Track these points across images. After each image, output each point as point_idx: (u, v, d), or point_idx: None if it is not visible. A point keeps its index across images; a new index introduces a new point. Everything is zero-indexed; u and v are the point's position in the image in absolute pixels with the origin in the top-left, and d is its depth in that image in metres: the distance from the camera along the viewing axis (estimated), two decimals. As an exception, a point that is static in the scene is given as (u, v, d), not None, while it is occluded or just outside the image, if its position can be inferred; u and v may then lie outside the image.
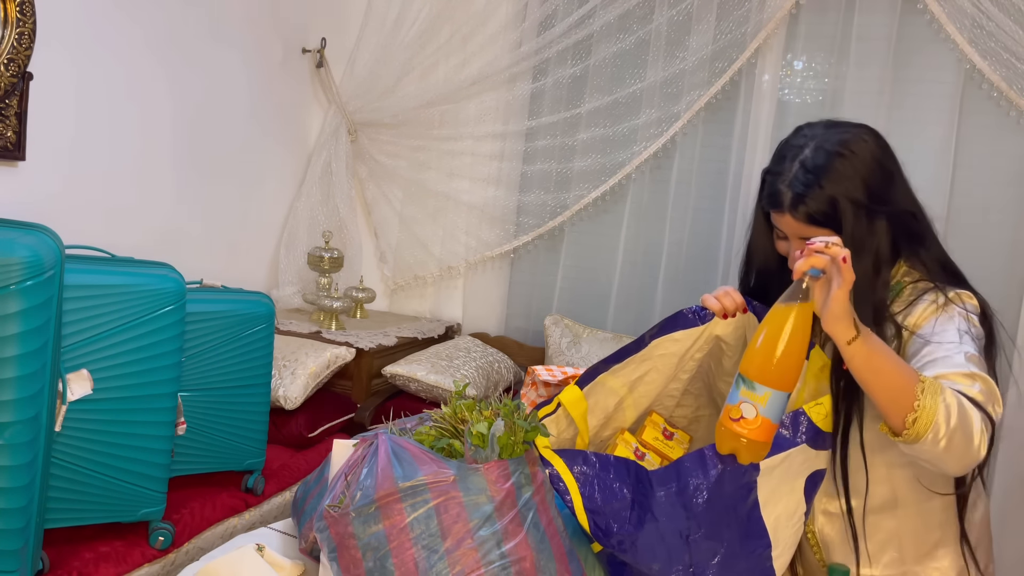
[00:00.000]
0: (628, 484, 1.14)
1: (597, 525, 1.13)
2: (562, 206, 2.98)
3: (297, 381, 2.38)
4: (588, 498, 1.14)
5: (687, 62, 2.72)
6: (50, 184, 2.18)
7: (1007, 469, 2.32)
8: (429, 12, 3.00)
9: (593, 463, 1.16)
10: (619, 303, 2.94)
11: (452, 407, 1.18)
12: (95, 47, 2.26)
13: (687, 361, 1.37)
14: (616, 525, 1.13)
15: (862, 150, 1.24)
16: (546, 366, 1.64)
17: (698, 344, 1.35)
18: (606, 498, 1.14)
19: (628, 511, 1.13)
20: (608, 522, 1.13)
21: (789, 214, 1.25)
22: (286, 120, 3.12)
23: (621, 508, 1.13)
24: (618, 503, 1.13)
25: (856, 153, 1.23)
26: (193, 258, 2.59)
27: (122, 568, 1.67)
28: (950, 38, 2.42)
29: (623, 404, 1.39)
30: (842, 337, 1.08)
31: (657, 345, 1.34)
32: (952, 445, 1.07)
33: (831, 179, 1.21)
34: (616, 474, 1.15)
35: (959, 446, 1.07)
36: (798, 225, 1.25)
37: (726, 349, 1.36)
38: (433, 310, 3.27)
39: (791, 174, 1.25)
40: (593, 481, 1.14)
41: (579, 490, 1.14)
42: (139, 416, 1.65)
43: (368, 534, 1.05)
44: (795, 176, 1.24)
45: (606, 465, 1.16)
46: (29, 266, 1.28)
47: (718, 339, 1.36)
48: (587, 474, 1.15)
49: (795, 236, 1.28)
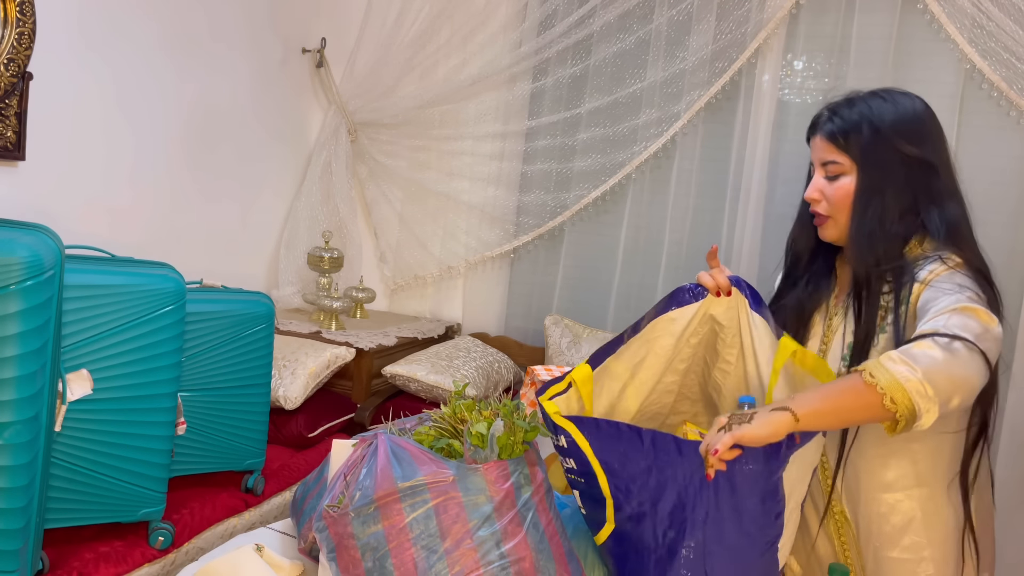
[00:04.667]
0: (643, 451, 1.14)
1: (617, 488, 1.14)
2: (562, 206, 2.98)
3: (297, 381, 2.38)
4: (605, 463, 1.15)
5: (687, 62, 2.72)
6: (50, 184, 2.18)
7: (1007, 469, 2.32)
8: (429, 12, 3.00)
9: (606, 429, 1.16)
10: (619, 303, 2.94)
11: (452, 407, 1.18)
12: (95, 47, 2.26)
13: (683, 346, 1.36)
14: (635, 488, 1.14)
15: (903, 101, 1.33)
16: (546, 366, 1.65)
17: (693, 326, 1.35)
18: (622, 462, 1.14)
19: (646, 476, 1.13)
20: (628, 485, 1.14)
21: (820, 133, 1.36)
22: (286, 120, 3.12)
23: (638, 473, 1.14)
24: (634, 467, 1.14)
25: (897, 101, 1.32)
26: (193, 258, 2.59)
27: (122, 568, 1.67)
28: (950, 38, 2.42)
29: (625, 391, 1.38)
30: (785, 431, 1.08)
31: (655, 326, 1.34)
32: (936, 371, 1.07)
33: (864, 107, 1.32)
34: (630, 441, 1.15)
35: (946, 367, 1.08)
36: (826, 145, 1.34)
37: (719, 332, 1.36)
38: (433, 310, 3.27)
39: (836, 102, 1.37)
40: (609, 446, 1.15)
41: (595, 456, 1.15)
42: (139, 416, 1.65)
43: (367, 534, 1.05)
44: (838, 103, 1.36)
45: (618, 432, 1.15)
46: (29, 266, 1.28)
47: (712, 319, 1.35)
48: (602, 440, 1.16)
49: (819, 162, 1.37)
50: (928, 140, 1.31)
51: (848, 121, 1.31)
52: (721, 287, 1.32)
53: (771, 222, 2.67)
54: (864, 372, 1.10)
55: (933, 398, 1.07)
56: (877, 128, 1.29)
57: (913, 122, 1.30)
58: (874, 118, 1.30)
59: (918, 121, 1.31)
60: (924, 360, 1.08)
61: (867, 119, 1.30)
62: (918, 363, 1.08)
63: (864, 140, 1.30)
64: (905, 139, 1.29)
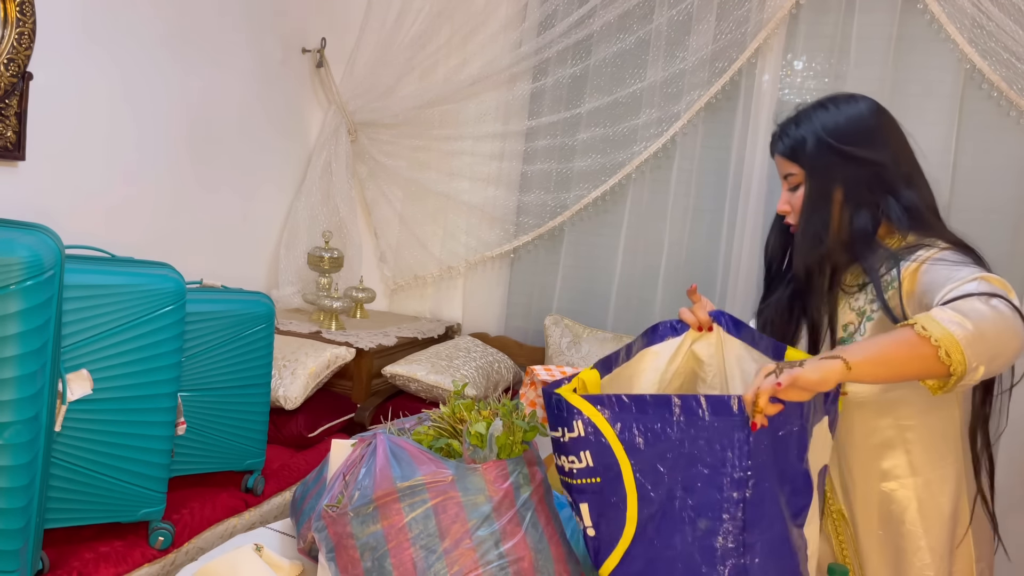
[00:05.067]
0: (673, 421, 1.03)
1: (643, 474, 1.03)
2: (562, 206, 2.99)
3: (297, 381, 2.38)
4: (629, 445, 1.04)
5: (687, 62, 2.72)
6: (50, 184, 2.18)
7: (1007, 469, 2.32)
8: (429, 12, 3.00)
9: (628, 404, 1.04)
10: (619, 303, 2.94)
11: (451, 407, 1.18)
12: (95, 47, 2.26)
13: (665, 385, 1.37)
14: (665, 468, 1.04)
15: (846, 107, 1.39)
16: (545, 366, 1.65)
17: (676, 363, 1.36)
18: (651, 439, 1.04)
19: (678, 449, 1.03)
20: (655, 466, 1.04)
21: (776, 152, 1.45)
22: (286, 120, 3.12)
23: (667, 449, 1.04)
24: (663, 444, 1.03)
25: (838, 108, 1.39)
26: (193, 258, 2.59)
27: (122, 568, 1.68)
28: (950, 38, 2.42)
29: None
30: (836, 378, 1.06)
31: (642, 357, 1.35)
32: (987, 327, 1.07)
33: (807, 121, 1.40)
34: (657, 410, 1.04)
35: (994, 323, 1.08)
36: (782, 161, 1.43)
37: (699, 370, 1.37)
38: (433, 310, 3.27)
39: (785, 120, 1.45)
40: (636, 423, 1.04)
41: (618, 437, 1.03)
42: (139, 416, 1.65)
43: (366, 534, 1.05)
44: (786, 121, 1.45)
45: (644, 404, 1.04)
46: (29, 266, 1.28)
47: (694, 356, 1.36)
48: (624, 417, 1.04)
49: (781, 176, 1.45)
50: (873, 138, 1.36)
51: (794, 137, 1.40)
52: (702, 323, 1.35)
53: (771, 222, 2.66)
54: (916, 325, 1.09)
55: (983, 353, 1.07)
56: (819, 138, 1.37)
57: (856, 124, 1.37)
58: (816, 129, 1.38)
59: (860, 122, 1.37)
60: (974, 315, 1.08)
61: (811, 131, 1.38)
62: (968, 317, 1.08)
63: (809, 151, 1.38)
64: (848, 142, 1.35)
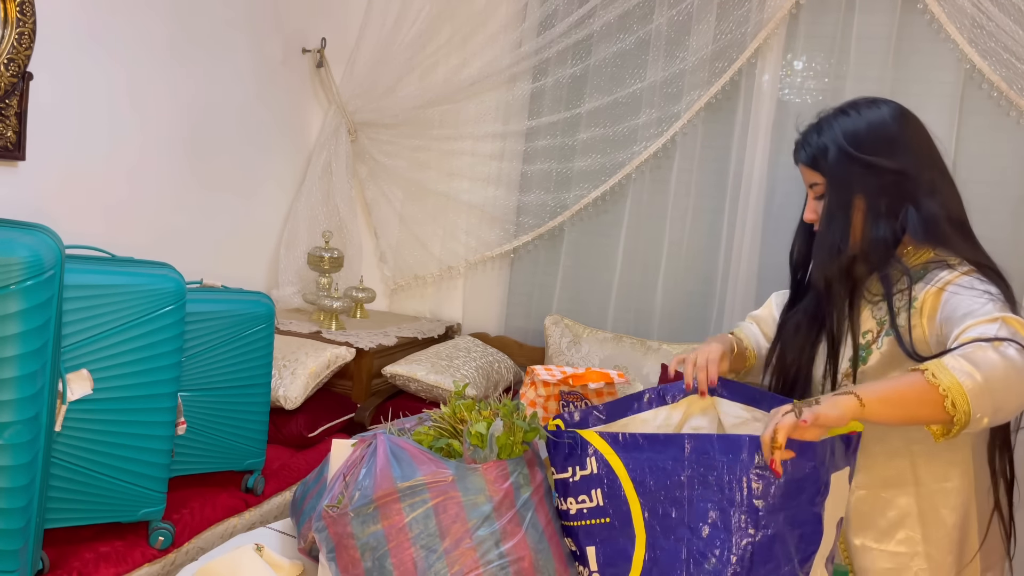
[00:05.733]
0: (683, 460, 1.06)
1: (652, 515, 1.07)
2: (562, 206, 2.98)
3: (297, 381, 2.38)
4: (640, 484, 1.08)
5: (687, 62, 2.72)
6: (50, 184, 2.18)
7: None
8: (429, 12, 3.00)
9: (641, 443, 1.09)
10: (619, 303, 2.94)
11: (451, 407, 1.18)
12: (95, 47, 2.26)
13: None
14: (673, 508, 1.07)
15: (869, 112, 1.36)
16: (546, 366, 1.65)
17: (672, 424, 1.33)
18: (661, 477, 1.07)
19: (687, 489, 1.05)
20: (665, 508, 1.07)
21: (799, 161, 1.42)
22: (286, 120, 3.12)
23: (676, 488, 1.06)
24: (673, 483, 1.06)
25: (859, 114, 1.36)
26: (193, 258, 2.59)
27: (122, 568, 1.68)
28: (950, 38, 2.42)
29: None
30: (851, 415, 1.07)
31: (632, 421, 1.33)
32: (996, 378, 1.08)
33: (829, 129, 1.37)
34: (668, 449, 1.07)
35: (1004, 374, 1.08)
36: (806, 170, 1.40)
37: None
38: (433, 310, 3.27)
39: (807, 128, 1.42)
40: (647, 462, 1.08)
41: (629, 476, 1.09)
42: (139, 416, 1.65)
43: (367, 534, 1.05)
44: (808, 129, 1.42)
45: (655, 443, 1.08)
46: (29, 266, 1.29)
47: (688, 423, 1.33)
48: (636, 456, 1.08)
49: (807, 185, 1.42)
50: (895, 145, 1.33)
51: (816, 146, 1.37)
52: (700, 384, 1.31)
53: (771, 222, 2.67)
54: (927, 372, 1.10)
55: (988, 405, 1.08)
56: (840, 147, 1.34)
57: (877, 130, 1.34)
58: (837, 137, 1.35)
59: (881, 128, 1.34)
60: (985, 366, 1.09)
61: (832, 139, 1.35)
62: (979, 368, 1.08)
63: (831, 160, 1.35)
64: (869, 151, 1.32)
